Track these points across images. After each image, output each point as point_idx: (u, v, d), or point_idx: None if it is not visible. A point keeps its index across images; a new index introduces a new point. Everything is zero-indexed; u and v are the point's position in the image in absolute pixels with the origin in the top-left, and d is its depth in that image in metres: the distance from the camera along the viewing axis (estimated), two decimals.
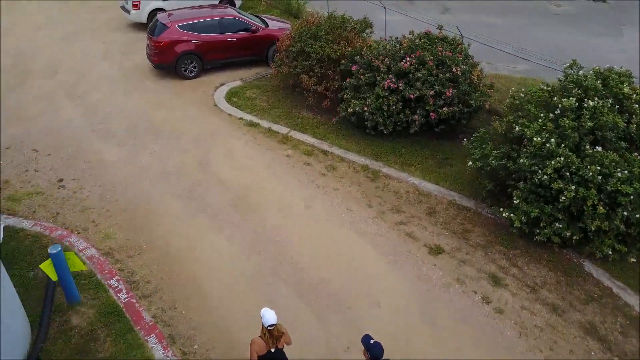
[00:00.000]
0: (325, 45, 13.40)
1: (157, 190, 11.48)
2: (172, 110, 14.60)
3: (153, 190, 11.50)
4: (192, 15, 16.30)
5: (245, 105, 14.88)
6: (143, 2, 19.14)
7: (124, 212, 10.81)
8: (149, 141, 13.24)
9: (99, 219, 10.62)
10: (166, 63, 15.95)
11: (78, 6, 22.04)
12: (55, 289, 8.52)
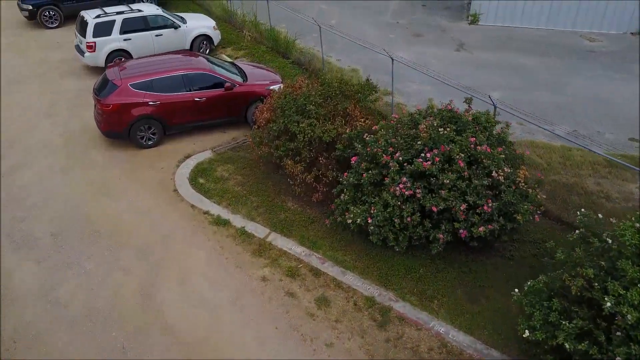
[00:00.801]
0: (316, 124, 10.05)
1: (75, 348, 8.13)
2: (119, 200, 11.25)
3: (70, 348, 8.15)
4: (149, 68, 12.91)
5: (215, 190, 11.52)
6: (99, 42, 15.79)
7: None
8: (80, 254, 9.90)
9: None
10: (116, 131, 12.62)
11: (30, 41, 18.70)
12: None
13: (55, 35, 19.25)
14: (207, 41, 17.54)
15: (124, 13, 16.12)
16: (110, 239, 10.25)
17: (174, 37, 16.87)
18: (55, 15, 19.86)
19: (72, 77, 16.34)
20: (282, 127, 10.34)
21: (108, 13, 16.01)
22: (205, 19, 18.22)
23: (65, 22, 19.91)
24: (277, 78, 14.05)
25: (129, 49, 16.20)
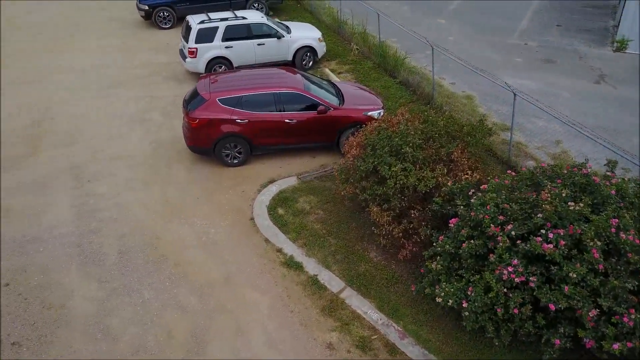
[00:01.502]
0: (411, 170, 8.49)
1: None
2: (192, 224, 10.48)
3: None
4: (240, 84, 12.08)
5: (292, 225, 10.38)
6: (201, 48, 15.37)
7: None
8: (142, 279, 9.21)
9: None
10: (202, 147, 11.93)
11: (141, 41, 18.93)
12: None
13: (166, 36, 19.34)
14: (310, 53, 16.54)
15: (228, 20, 15.58)
16: (175, 268, 9.48)
17: (276, 47, 16.06)
18: (169, 16, 20.01)
19: (172, 82, 16.12)
20: (370, 168, 8.90)
21: (212, 19, 15.56)
22: (312, 29, 17.24)
23: (178, 24, 19.98)
24: (378, 102, 12.63)
25: (229, 56, 15.64)
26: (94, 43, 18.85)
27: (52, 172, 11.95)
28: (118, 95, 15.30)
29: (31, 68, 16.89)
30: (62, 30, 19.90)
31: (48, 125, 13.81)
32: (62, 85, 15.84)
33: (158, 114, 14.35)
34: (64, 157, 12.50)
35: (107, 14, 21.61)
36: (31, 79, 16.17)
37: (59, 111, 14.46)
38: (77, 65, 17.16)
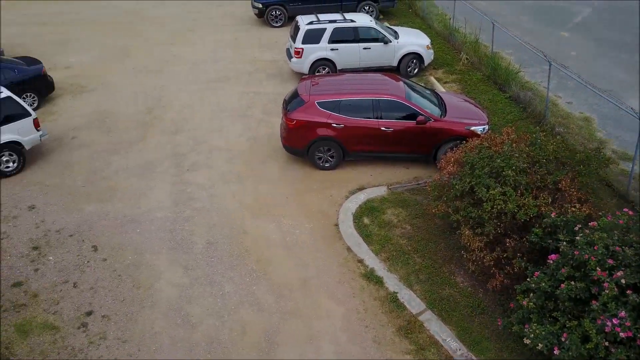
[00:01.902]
0: (512, 195, 7.85)
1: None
2: (278, 223, 10.56)
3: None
4: (340, 88, 11.99)
5: (377, 236, 10.09)
6: (307, 49, 15.50)
7: None
8: (225, 272, 9.41)
9: None
10: (296, 148, 12.00)
11: (251, 38, 19.53)
12: None
13: (275, 34, 19.80)
14: (417, 60, 16.08)
15: (336, 22, 15.57)
16: (256, 264, 9.58)
17: (382, 51, 15.79)
18: (281, 15, 20.46)
19: (276, 80, 16.43)
20: (467, 188, 8.37)
21: (321, 20, 15.63)
22: (421, 35, 16.76)
23: (288, 23, 20.38)
24: (483, 117, 11.94)
25: (334, 59, 15.63)
26: (208, 37, 19.76)
27: (157, 159, 12.63)
28: (224, 89, 15.88)
29: (152, 58, 18.05)
30: (181, 24, 21.09)
31: (158, 113, 14.65)
32: (176, 76, 16.75)
33: (259, 111, 14.68)
34: (168, 145, 13.17)
35: (224, 10, 22.57)
36: (151, 68, 17.27)
37: (169, 100, 15.29)
38: (191, 57, 18.07)
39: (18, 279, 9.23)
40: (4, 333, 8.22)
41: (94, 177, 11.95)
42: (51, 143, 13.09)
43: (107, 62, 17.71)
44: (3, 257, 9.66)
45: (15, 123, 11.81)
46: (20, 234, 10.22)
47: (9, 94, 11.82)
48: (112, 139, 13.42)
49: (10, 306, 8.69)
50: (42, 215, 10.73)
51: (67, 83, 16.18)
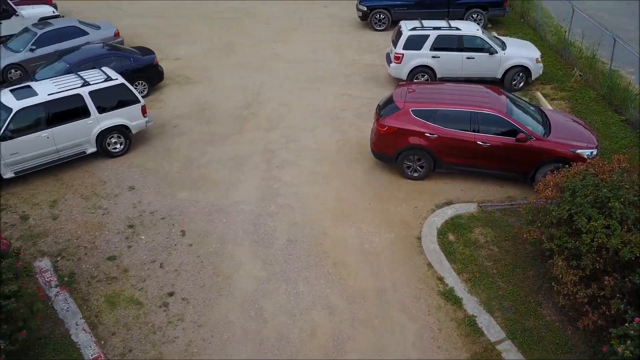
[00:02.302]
0: (617, 229, 7.14)
1: None
2: (358, 228, 10.45)
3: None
4: (437, 97, 11.60)
5: (461, 255, 9.66)
6: (407, 55, 15.21)
7: None
8: (300, 271, 9.46)
9: None
10: (384, 155, 11.80)
11: (353, 40, 19.55)
12: None
13: (377, 38, 19.67)
14: (523, 73, 15.23)
15: (441, 29, 15.13)
16: (333, 268, 9.54)
17: (486, 62, 15.13)
18: (385, 18, 20.31)
19: (372, 84, 16.31)
20: (565, 216, 7.74)
21: (425, 27, 15.27)
22: (530, 47, 15.83)
23: (392, 27, 20.17)
24: (591, 140, 11.04)
25: (434, 67, 15.21)
26: (310, 37, 20.06)
27: (249, 153, 13.00)
28: (320, 90, 16.02)
29: (255, 54, 18.65)
30: (286, 23, 21.60)
31: (255, 108, 15.08)
32: (275, 73, 17.16)
33: (351, 114, 14.64)
34: (262, 141, 13.51)
35: (329, 11, 22.81)
36: (253, 65, 17.85)
37: (267, 97, 15.69)
38: (292, 56, 18.44)
39: (113, 253, 9.89)
40: (95, 302, 8.84)
41: (189, 165, 12.53)
42: (155, 129, 13.92)
43: (213, 56, 18.55)
44: (102, 232, 10.40)
45: (126, 108, 12.68)
46: (119, 212, 10.95)
47: (122, 81, 12.71)
48: (210, 130, 14.01)
49: (103, 277, 9.33)
50: (139, 197, 11.43)
51: (175, 74, 17.15)
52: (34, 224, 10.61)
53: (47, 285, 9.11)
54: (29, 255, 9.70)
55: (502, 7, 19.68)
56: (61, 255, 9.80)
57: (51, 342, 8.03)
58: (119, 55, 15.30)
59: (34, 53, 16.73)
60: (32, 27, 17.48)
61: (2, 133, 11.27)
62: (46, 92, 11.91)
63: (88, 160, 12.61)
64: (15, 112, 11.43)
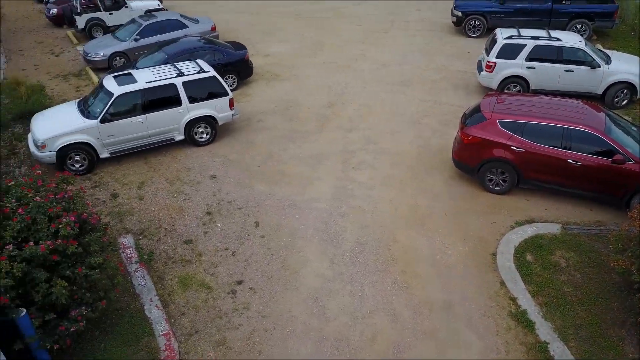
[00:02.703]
0: None
1: None
2: (431, 238, 10.19)
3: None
4: (528, 109, 11.02)
5: (537, 277, 9.14)
6: (500, 64, 14.62)
7: None
8: (365, 275, 9.38)
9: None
10: (466, 164, 11.42)
11: (444, 46, 19.12)
12: None
13: (469, 45, 19.12)
14: (628, 90, 14.14)
15: (539, 39, 14.38)
16: (401, 275, 9.37)
17: (586, 76, 14.22)
18: (480, 25, 19.68)
19: (460, 91, 15.86)
20: None
21: (522, 36, 14.59)
22: (638, 63, 14.63)
23: (486, 34, 19.52)
24: None
25: (528, 78, 14.52)
26: (400, 40, 19.86)
27: (328, 152, 13.09)
28: (405, 94, 15.81)
29: (342, 54, 18.78)
30: (377, 25, 21.54)
31: (338, 108, 15.17)
32: (361, 75, 17.17)
33: (435, 120, 14.32)
34: (341, 141, 13.56)
35: (422, 15, 22.48)
36: (340, 64, 17.98)
37: (350, 97, 15.73)
38: (379, 58, 18.36)
39: (190, 237, 10.35)
40: (169, 281, 9.29)
41: (269, 159, 12.84)
42: (240, 122, 14.40)
43: (302, 54, 18.88)
44: (182, 216, 10.92)
45: (215, 100, 13.22)
46: (199, 198, 11.44)
47: (214, 74, 13.26)
48: (292, 127, 14.27)
49: (179, 259, 9.79)
50: (219, 185, 11.87)
51: (264, 70, 17.64)
52: (122, 203, 11.35)
53: (128, 261, 9.70)
54: (115, 232, 10.38)
55: (611, 19, 18.39)
56: (143, 235, 10.40)
57: (127, 315, 8.54)
58: (213, 49, 15.98)
59: (137, 43, 17.90)
60: (138, 19, 18.72)
61: (103, 116, 12.14)
62: (144, 80, 12.69)
63: (176, 147, 13.30)
64: (115, 97, 12.27)
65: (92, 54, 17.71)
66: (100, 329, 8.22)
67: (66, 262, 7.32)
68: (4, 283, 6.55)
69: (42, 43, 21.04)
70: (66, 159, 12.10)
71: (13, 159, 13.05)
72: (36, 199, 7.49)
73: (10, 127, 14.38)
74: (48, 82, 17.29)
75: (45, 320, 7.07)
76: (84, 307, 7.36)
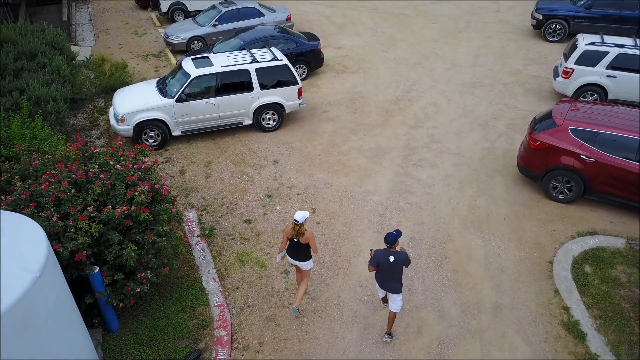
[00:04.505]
0: None
1: None
2: (486, 240, 10.11)
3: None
4: (603, 118, 10.63)
5: (594, 289, 8.89)
6: (578, 71, 14.11)
7: None
8: (416, 270, 9.46)
9: None
10: (531, 170, 11.20)
11: (520, 50, 18.62)
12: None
13: (547, 49, 18.53)
14: None
15: (624, 47, 13.73)
16: (452, 274, 9.39)
17: None
18: (561, 29, 18.99)
19: (532, 97, 15.45)
20: None
21: (605, 43, 13.98)
22: None
23: (567, 39, 18.83)
24: None
25: (608, 87, 13.93)
26: (475, 41, 19.52)
27: (389, 147, 13.19)
28: (474, 95, 15.59)
29: (414, 51, 18.72)
30: (453, 24, 21.24)
31: (404, 104, 15.19)
32: (431, 73, 17.07)
33: (503, 124, 14.05)
34: (404, 137, 13.62)
35: (500, 16, 21.94)
36: (410, 61, 17.95)
37: (418, 94, 15.70)
38: (452, 57, 18.15)
39: (250, 217, 10.81)
40: (227, 257, 9.78)
41: (331, 149, 13.10)
42: (306, 111, 14.75)
43: (373, 49, 18.98)
44: (244, 196, 11.40)
45: (284, 88, 13.62)
46: (262, 181, 11.89)
47: (286, 63, 13.65)
48: (356, 119, 14.46)
49: (238, 237, 10.26)
50: (281, 171, 12.27)
51: (335, 62, 17.90)
52: (189, 179, 12.00)
53: (191, 235, 10.28)
54: (181, 206, 11.01)
55: None
56: (206, 211, 10.97)
57: (186, 283, 9.10)
58: (287, 38, 16.41)
59: (215, 28, 18.65)
60: (218, 5, 19.49)
61: (179, 95, 12.83)
62: (220, 64, 13.27)
63: (243, 131, 13.84)
64: (192, 78, 12.91)
65: (173, 37, 18.64)
66: (161, 294, 8.82)
67: (137, 227, 7.91)
68: (82, 241, 7.19)
69: (127, 24, 22.33)
70: (142, 134, 12.90)
71: (94, 130, 14.06)
72: (117, 167, 8.12)
73: (94, 101, 15.47)
74: (130, 60, 18.39)
75: (115, 279, 7.69)
76: (149, 271, 7.93)
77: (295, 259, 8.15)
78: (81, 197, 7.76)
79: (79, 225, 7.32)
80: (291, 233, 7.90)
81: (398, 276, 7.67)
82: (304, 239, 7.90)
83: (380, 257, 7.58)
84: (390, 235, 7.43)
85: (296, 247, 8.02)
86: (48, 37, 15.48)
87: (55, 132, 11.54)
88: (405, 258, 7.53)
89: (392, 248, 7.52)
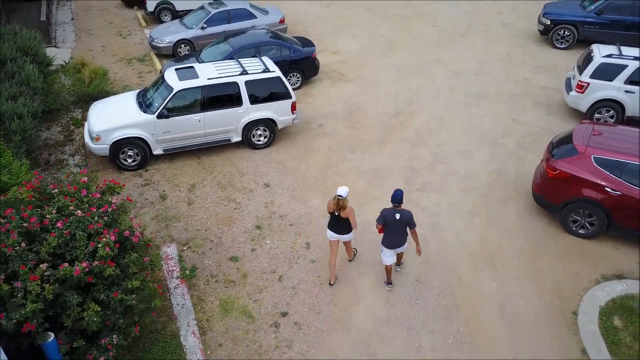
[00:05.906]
0: None
1: None
2: (502, 283, 9.03)
3: None
4: (630, 147, 9.54)
5: (628, 349, 7.87)
6: (594, 85, 13.00)
7: None
8: (424, 323, 8.37)
9: None
10: (548, 202, 10.12)
11: (527, 56, 17.50)
12: None
13: (556, 57, 17.42)
14: None
15: None
16: (464, 326, 8.31)
17: None
18: (569, 36, 17.87)
19: (541, 109, 14.36)
20: None
21: (623, 55, 12.90)
22: None
23: (576, 46, 17.73)
24: None
25: (626, 103, 12.87)
26: (478, 46, 18.38)
27: (390, 167, 12.06)
28: (480, 107, 14.48)
29: (415, 57, 17.55)
30: (453, 27, 20.08)
31: (405, 118, 14.05)
32: (433, 82, 15.93)
33: (513, 141, 12.96)
34: (406, 155, 12.49)
35: (504, 19, 20.80)
36: (411, 68, 16.78)
37: (420, 107, 14.56)
38: (454, 64, 17.01)
39: (236, 253, 9.66)
40: (209, 304, 8.64)
41: (327, 170, 11.96)
42: (300, 125, 13.57)
43: (371, 54, 17.80)
44: (230, 227, 10.25)
45: (276, 102, 12.43)
46: (251, 209, 10.73)
47: (279, 75, 12.45)
48: (354, 134, 13.31)
49: (222, 279, 9.12)
50: (272, 196, 11.12)
51: (330, 69, 16.71)
52: (170, 206, 10.81)
53: (169, 275, 9.14)
54: (160, 239, 9.85)
55: None
56: (188, 245, 9.82)
57: (161, 339, 7.96)
58: (280, 44, 15.19)
59: (204, 31, 17.38)
60: (207, 6, 18.18)
61: (161, 111, 11.61)
62: (206, 76, 12.06)
63: (231, 148, 12.66)
64: (175, 92, 11.71)
65: (158, 40, 17.35)
66: (132, 354, 7.68)
67: (102, 284, 6.76)
68: (32, 307, 6.04)
69: (112, 24, 20.96)
70: (119, 153, 11.69)
71: (68, 145, 12.82)
72: (77, 213, 6.94)
73: (70, 111, 14.22)
74: (112, 65, 17.09)
75: (73, 347, 6.55)
76: (116, 335, 6.79)
77: (336, 233, 8.54)
78: (34, 250, 6.59)
79: (29, 287, 6.16)
80: (333, 207, 8.27)
81: (404, 234, 8.26)
82: (345, 213, 8.25)
83: (387, 215, 8.08)
84: (397, 194, 8.00)
85: (338, 221, 8.40)
86: (20, 42, 14.14)
87: (19, 156, 10.30)
88: (409, 216, 8.07)
89: (398, 206, 8.03)
